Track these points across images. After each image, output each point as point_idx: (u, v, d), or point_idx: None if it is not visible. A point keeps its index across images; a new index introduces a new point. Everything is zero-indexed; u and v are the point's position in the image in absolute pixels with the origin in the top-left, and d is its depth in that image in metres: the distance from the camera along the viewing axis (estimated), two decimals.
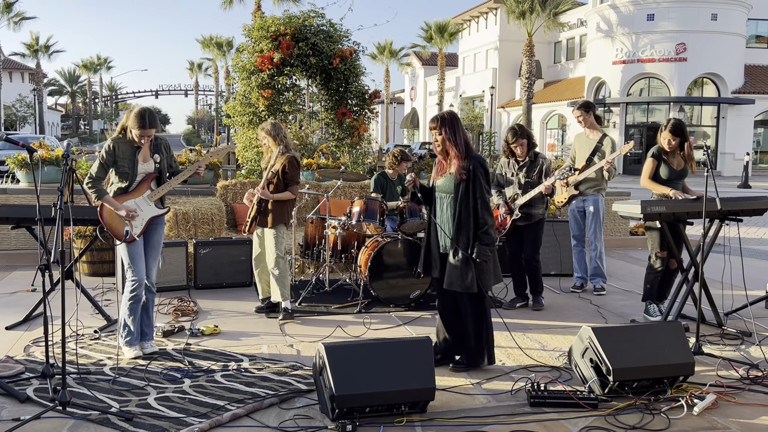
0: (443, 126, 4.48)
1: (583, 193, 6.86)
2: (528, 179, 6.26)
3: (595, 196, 6.89)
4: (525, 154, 6.29)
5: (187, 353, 4.89)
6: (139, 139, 4.56)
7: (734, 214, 5.53)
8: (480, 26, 46.42)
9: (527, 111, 35.24)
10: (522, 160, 6.31)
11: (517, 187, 6.30)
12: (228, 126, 11.08)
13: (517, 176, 6.31)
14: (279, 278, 5.80)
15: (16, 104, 53.08)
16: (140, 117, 4.53)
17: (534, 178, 6.26)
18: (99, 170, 4.58)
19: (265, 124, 5.96)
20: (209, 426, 3.63)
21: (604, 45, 34.19)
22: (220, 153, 5.07)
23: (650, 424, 3.76)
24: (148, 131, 4.55)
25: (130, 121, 4.57)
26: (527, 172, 6.27)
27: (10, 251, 8.32)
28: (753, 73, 34.14)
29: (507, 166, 6.43)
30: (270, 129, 5.87)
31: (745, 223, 7.57)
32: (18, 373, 4.35)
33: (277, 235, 5.81)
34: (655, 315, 5.98)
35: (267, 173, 5.79)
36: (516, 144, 6.23)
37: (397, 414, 3.80)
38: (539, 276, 6.42)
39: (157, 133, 4.78)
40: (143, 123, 4.51)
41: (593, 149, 6.78)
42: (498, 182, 6.52)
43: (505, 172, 6.45)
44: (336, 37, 10.26)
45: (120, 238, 4.63)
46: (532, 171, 6.27)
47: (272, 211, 5.79)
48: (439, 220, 4.63)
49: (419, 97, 56.39)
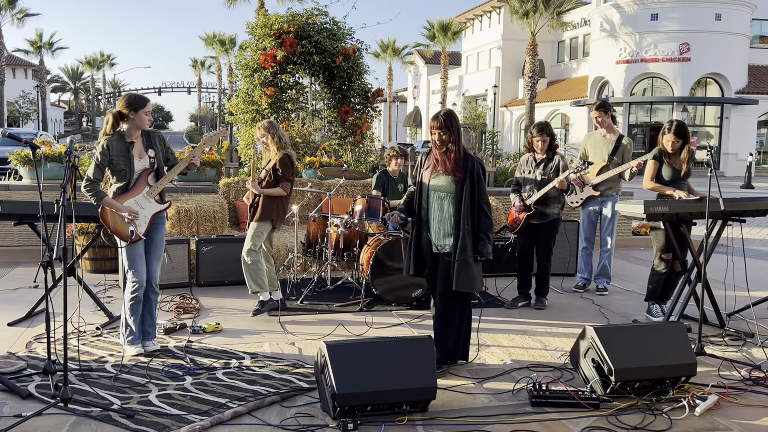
0: (449, 124, 4.43)
1: (602, 194, 6.85)
2: (544, 176, 6.27)
3: (614, 197, 6.87)
4: (544, 151, 6.30)
5: (189, 351, 4.89)
6: (148, 118, 4.59)
7: (737, 215, 5.51)
8: (483, 25, 46.38)
9: (530, 110, 35.21)
10: (540, 156, 6.32)
11: (533, 185, 6.31)
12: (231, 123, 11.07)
13: (534, 173, 6.32)
14: (249, 269, 5.85)
15: (20, 101, 53.14)
16: (134, 99, 4.57)
17: (550, 175, 6.26)
18: (96, 171, 4.50)
19: (262, 123, 6.01)
20: (210, 423, 3.63)
21: (608, 44, 34.16)
22: (212, 139, 5.06)
23: (652, 424, 3.76)
24: (149, 105, 4.61)
25: (127, 110, 4.52)
26: (543, 168, 6.28)
27: (13, 248, 8.33)
28: (757, 74, 34.09)
29: (525, 163, 6.44)
30: (268, 126, 5.94)
31: (747, 224, 7.55)
32: (20, 369, 4.36)
33: (258, 230, 5.86)
34: (658, 315, 5.97)
35: (261, 170, 5.91)
36: (539, 138, 6.25)
37: (399, 413, 3.79)
38: (548, 277, 6.42)
39: (158, 130, 4.78)
40: (142, 100, 4.57)
41: (613, 149, 6.76)
42: (517, 182, 6.52)
43: (523, 171, 6.45)
44: (339, 35, 10.24)
45: (126, 239, 4.59)
46: (549, 168, 6.28)
47: (261, 206, 5.85)
48: (437, 219, 4.57)
49: (422, 95, 56.35)
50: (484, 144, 36.12)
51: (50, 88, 67.25)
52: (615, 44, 33.74)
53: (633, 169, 6.52)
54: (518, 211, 6.33)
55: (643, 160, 6.44)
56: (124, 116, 4.55)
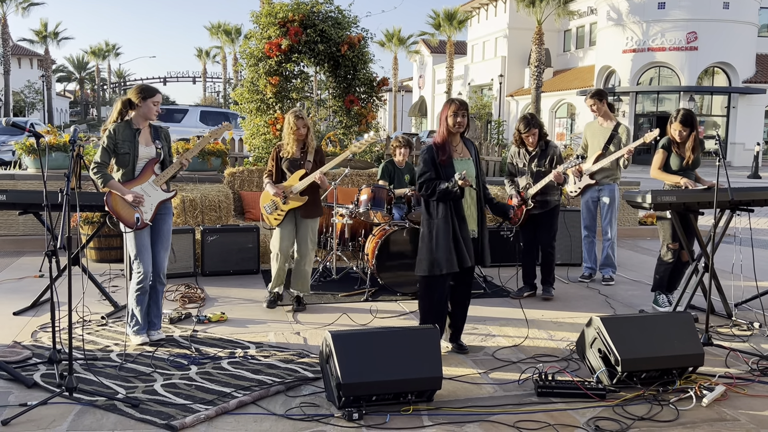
0: (467, 109, 4.66)
1: (599, 182, 6.82)
2: (539, 168, 6.22)
3: (611, 185, 6.84)
4: (536, 144, 6.24)
5: (194, 340, 4.89)
6: (156, 107, 4.61)
7: (745, 205, 5.47)
8: (489, 14, 46.13)
9: (536, 100, 35.04)
10: (533, 149, 6.26)
11: (529, 177, 6.26)
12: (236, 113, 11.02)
13: (529, 166, 6.27)
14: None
15: (25, 90, 53.19)
16: (144, 87, 4.63)
17: (546, 167, 6.21)
18: (102, 155, 4.56)
19: (302, 112, 5.73)
20: (216, 413, 3.62)
21: (615, 33, 33.93)
22: (217, 133, 5.04)
23: (659, 415, 3.74)
24: (158, 96, 4.64)
25: (136, 98, 4.57)
26: (539, 161, 6.23)
27: (18, 237, 8.34)
28: (765, 63, 33.82)
29: (518, 156, 6.38)
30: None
31: (755, 214, 7.51)
32: (25, 358, 4.36)
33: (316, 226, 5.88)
34: (664, 305, 5.94)
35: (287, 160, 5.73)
36: (528, 134, 6.18)
37: (404, 403, 3.78)
38: (553, 265, 6.39)
39: (160, 125, 4.79)
40: (152, 90, 4.62)
41: (609, 138, 6.73)
42: (510, 171, 6.48)
43: (516, 162, 6.40)
44: (344, 24, 10.18)
45: (131, 226, 4.57)
46: (543, 160, 6.22)
47: (317, 201, 5.75)
48: (469, 203, 4.66)
49: (427, 85, 56.14)
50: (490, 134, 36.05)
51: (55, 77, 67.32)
52: (622, 33, 33.51)
53: (625, 156, 6.48)
54: (517, 205, 6.28)
55: (634, 147, 6.41)
56: (133, 104, 4.60)
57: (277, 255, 5.75)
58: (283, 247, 5.73)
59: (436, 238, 4.52)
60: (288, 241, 5.74)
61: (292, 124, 5.62)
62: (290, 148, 5.70)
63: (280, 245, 5.72)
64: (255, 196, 8.61)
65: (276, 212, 5.70)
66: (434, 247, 4.51)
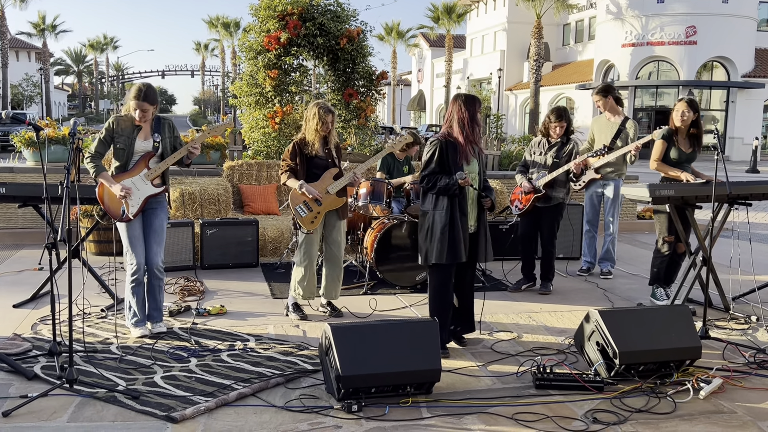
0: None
1: (604, 177, 6.82)
2: (556, 159, 6.25)
3: (616, 180, 6.84)
4: (559, 137, 6.28)
5: (194, 332, 4.90)
6: (135, 111, 4.54)
7: (743, 198, 5.48)
8: (488, 7, 46.03)
9: (535, 94, 35.03)
10: (555, 140, 6.29)
11: (543, 168, 6.29)
12: (234, 106, 11.01)
13: (545, 155, 6.30)
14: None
15: (23, 83, 53.05)
16: (138, 89, 4.58)
17: (562, 159, 6.24)
18: (98, 146, 4.60)
19: (329, 104, 5.29)
20: (215, 405, 3.64)
21: (614, 27, 33.88)
22: (217, 130, 5.03)
23: (656, 407, 3.76)
24: (142, 104, 4.53)
25: (129, 93, 4.62)
26: (557, 152, 6.26)
27: (17, 230, 8.34)
28: (764, 57, 33.79)
29: (537, 145, 6.42)
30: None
31: (753, 208, 7.53)
32: (25, 350, 4.38)
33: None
34: (662, 299, 5.96)
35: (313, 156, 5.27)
36: (557, 124, 6.23)
37: (403, 395, 3.80)
38: (553, 262, 6.40)
39: (162, 114, 4.76)
40: (138, 94, 4.54)
41: (616, 132, 6.72)
42: (525, 164, 6.50)
43: (533, 152, 6.42)
44: (343, 17, 10.17)
45: (116, 218, 4.64)
46: (562, 152, 6.25)
47: (346, 201, 5.41)
48: (470, 199, 4.69)
49: (426, 78, 56.08)
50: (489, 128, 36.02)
51: (53, 71, 67.16)
52: (621, 27, 33.46)
53: (632, 152, 6.48)
54: (525, 192, 6.29)
55: (642, 143, 6.41)
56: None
57: (308, 263, 5.25)
58: (315, 252, 5.28)
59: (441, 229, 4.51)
60: (318, 246, 5.33)
61: (320, 119, 5.10)
62: (316, 144, 5.20)
63: (312, 251, 5.25)
64: (254, 189, 8.62)
65: (311, 215, 5.19)
66: (437, 238, 4.51)
